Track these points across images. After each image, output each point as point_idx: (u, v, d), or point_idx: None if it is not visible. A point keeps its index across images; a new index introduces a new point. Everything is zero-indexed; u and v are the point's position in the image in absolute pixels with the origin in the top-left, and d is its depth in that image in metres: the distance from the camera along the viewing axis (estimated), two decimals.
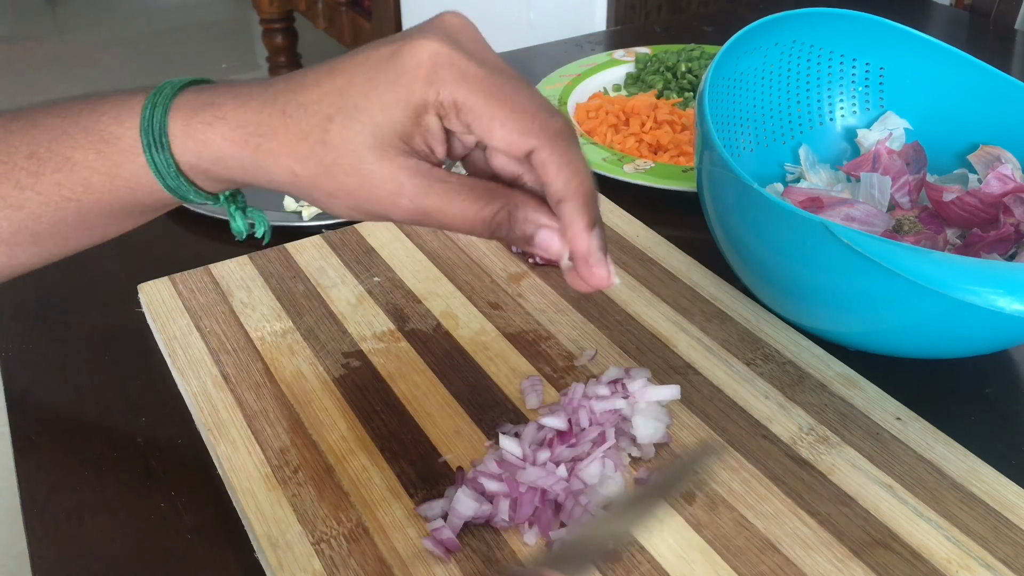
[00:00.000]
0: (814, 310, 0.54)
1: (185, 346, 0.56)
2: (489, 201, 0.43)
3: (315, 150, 0.43)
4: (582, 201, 0.43)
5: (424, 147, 0.44)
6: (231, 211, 0.48)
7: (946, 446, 0.49)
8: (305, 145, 0.43)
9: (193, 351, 0.55)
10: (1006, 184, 0.61)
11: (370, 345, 0.56)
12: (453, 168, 0.51)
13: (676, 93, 0.91)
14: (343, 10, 2.31)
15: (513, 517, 0.44)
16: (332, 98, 0.43)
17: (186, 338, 0.57)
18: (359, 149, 0.43)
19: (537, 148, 0.42)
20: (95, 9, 3.49)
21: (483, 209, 0.43)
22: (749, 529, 0.45)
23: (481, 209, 0.43)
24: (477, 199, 0.43)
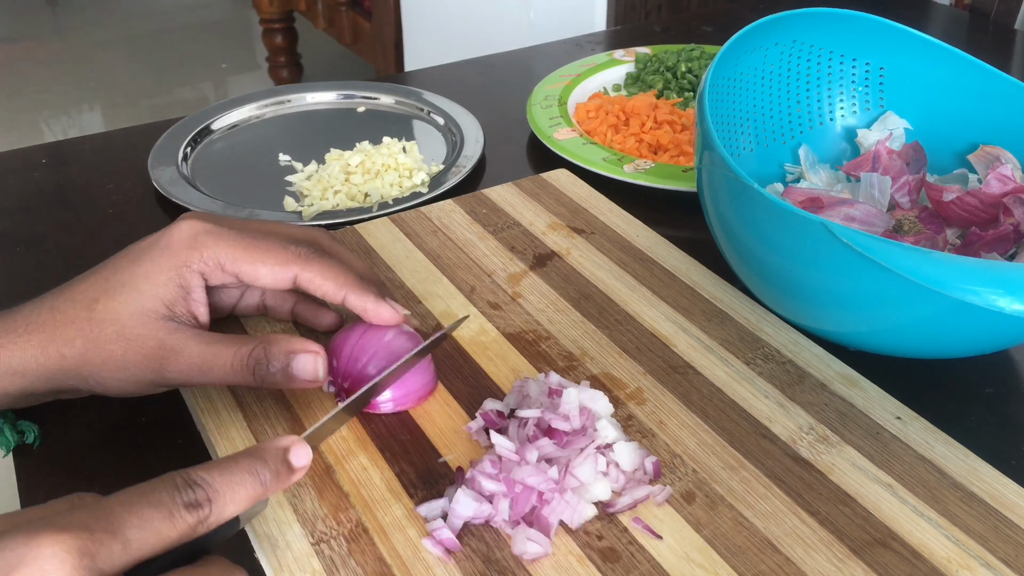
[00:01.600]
0: (814, 310, 0.54)
1: None
2: (244, 343, 0.48)
3: (82, 329, 0.48)
4: (356, 288, 0.50)
5: (187, 313, 0.49)
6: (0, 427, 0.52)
7: (946, 445, 0.49)
8: (72, 328, 0.48)
9: None
10: (1006, 184, 0.61)
11: None
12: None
13: (676, 93, 0.91)
14: (343, 10, 2.31)
15: (512, 516, 0.44)
16: (98, 284, 0.49)
17: None
18: (122, 317, 0.48)
19: (299, 272, 0.50)
20: (95, 9, 3.49)
21: (240, 350, 0.48)
22: (749, 528, 0.45)
23: (238, 350, 0.48)
24: (233, 344, 0.48)
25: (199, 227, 0.50)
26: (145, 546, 0.35)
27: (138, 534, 0.35)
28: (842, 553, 0.43)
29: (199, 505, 0.37)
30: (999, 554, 0.43)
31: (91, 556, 0.33)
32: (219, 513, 0.38)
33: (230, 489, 0.38)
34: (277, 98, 0.91)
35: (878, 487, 0.47)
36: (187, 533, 0.37)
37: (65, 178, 0.80)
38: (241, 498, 0.38)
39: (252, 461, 0.39)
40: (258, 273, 0.50)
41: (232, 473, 0.38)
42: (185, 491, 0.37)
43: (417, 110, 0.89)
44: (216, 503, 0.37)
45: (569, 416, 0.48)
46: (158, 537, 0.36)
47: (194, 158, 0.81)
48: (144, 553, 0.35)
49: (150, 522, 0.35)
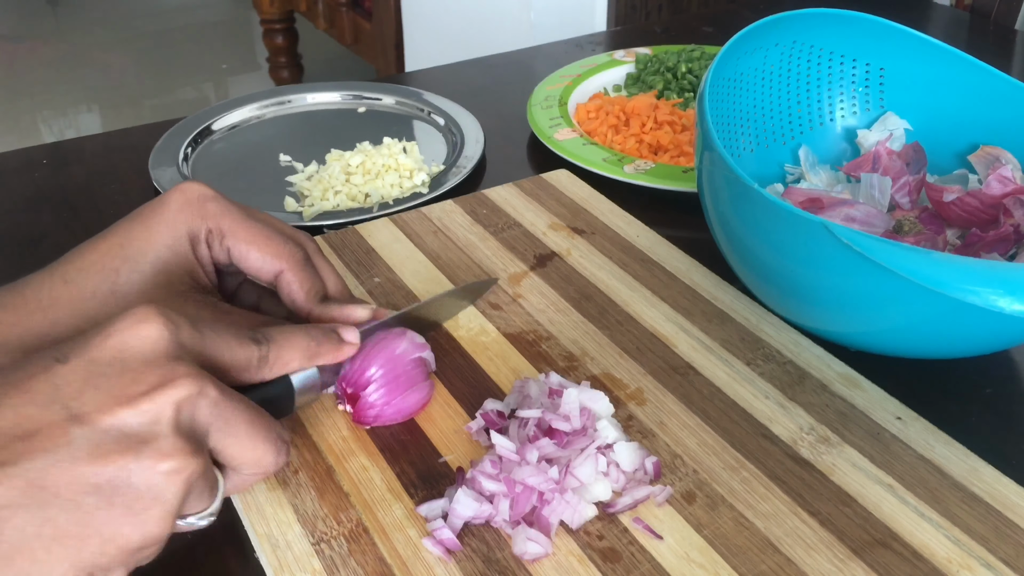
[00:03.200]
0: (814, 310, 0.54)
1: None
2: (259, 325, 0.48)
3: (105, 303, 0.47)
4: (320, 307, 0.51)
5: (204, 279, 0.50)
6: None
7: (947, 446, 0.49)
8: (94, 302, 0.47)
9: None
10: (1006, 186, 0.61)
11: None
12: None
13: (676, 94, 0.91)
14: (343, 10, 2.31)
15: (512, 516, 0.44)
16: (114, 253, 0.48)
17: None
18: (148, 289, 0.47)
19: (283, 271, 0.50)
20: (96, 9, 3.49)
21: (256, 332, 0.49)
22: (749, 529, 0.45)
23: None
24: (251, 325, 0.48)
25: (206, 192, 0.50)
26: (217, 349, 0.41)
27: (212, 336, 0.41)
28: (843, 554, 0.43)
29: (260, 341, 0.43)
30: (1000, 554, 0.43)
31: (175, 326, 0.39)
32: (277, 353, 0.44)
33: (285, 336, 0.44)
34: (278, 98, 0.91)
35: (879, 487, 0.47)
36: (251, 363, 0.43)
37: (66, 178, 0.80)
38: (296, 345, 0.45)
39: (305, 327, 0.46)
40: (249, 256, 0.50)
41: (286, 328, 0.45)
42: (249, 331, 0.43)
43: (417, 110, 0.89)
44: (274, 344, 0.44)
45: (569, 416, 0.48)
46: (228, 349, 0.42)
47: (195, 158, 0.81)
48: (216, 356, 0.41)
49: (223, 334, 0.42)
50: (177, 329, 0.39)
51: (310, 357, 0.45)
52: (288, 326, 0.46)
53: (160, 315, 0.39)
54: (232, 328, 0.42)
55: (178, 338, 0.39)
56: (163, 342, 0.38)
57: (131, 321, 0.38)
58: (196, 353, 0.40)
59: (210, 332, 0.41)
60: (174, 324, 0.39)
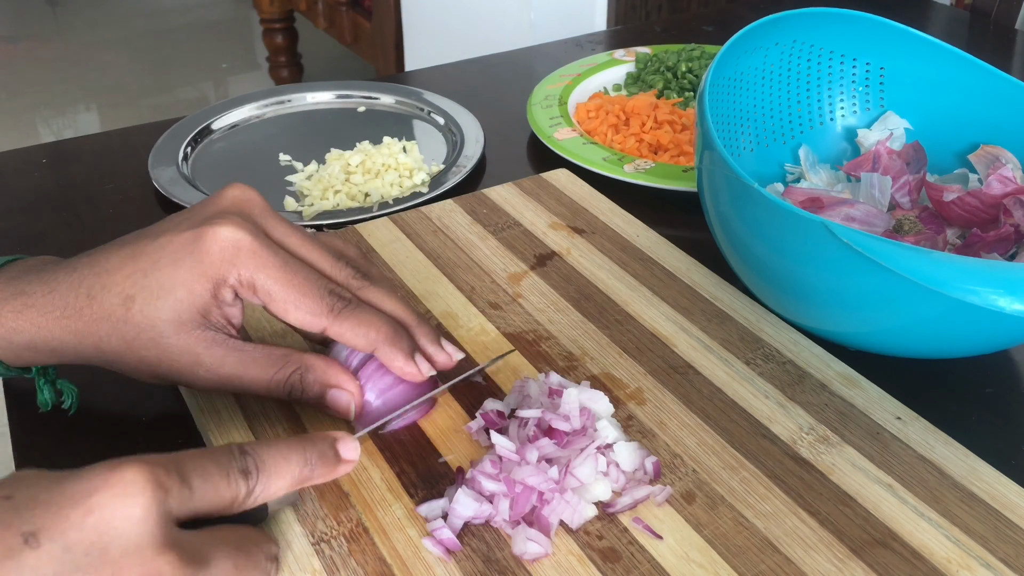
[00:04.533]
0: (814, 310, 0.54)
1: None
2: (283, 367, 0.48)
3: (117, 327, 0.46)
4: (387, 345, 0.48)
5: (221, 320, 0.48)
6: (39, 384, 0.52)
7: (946, 446, 0.49)
8: (108, 324, 0.46)
9: None
10: (1007, 186, 0.61)
11: None
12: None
13: (676, 93, 0.91)
14: (343, 10, 2.31)
15: (512, 516, 0.44)
16: (135, 279, 0.47)
17: None
18: (158, 325, 0.46)
19: (328, 326, 0.47)
20: (95, 9, 3.49)
21: (277, 374, 0.48)
22: (749, 528, 0.45)
23: (275, 375, 0.48)
24: (272, 365, 0.48)
25: (242, 241, 0.47)
26: (204, 499, 0.37)
27: (201, 485, 0.37)
28: (842, 553, 0.43)
29: (249, 473, 0.39)
30: (999, 554, 0.43)
31: (166, 491, 0.35)
32: (265, 485, 0.39)
33: (277, 465, 0.40)
34: (277, 98, 0.91)
35: (878, 487, 0.47)
36: (236, 500, 0.38)
37: (65, 178, 0.80)
38: (287, 474, 0.40)
39: (301, 442, 0.41)
40: (288, 315, 0.47)
41: (280, 450, 0.40)
42: (239, 458, 0.39)
43: (417, 110, 0.89)
44: (263, 474, 0.39)
45: (569, 416, 0.48)
46: (216, 494, 0.37)
47: (194, 158, 0.81)
48: (204, 506, 0.37)
49: (211, 478, 0.37)
50: (166, 498, 0.35)
51: (300, 483, 0.41)
52: (283, 445, 0.41)
53: (149, 483, 0.35)
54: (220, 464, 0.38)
55: (166, 510, 0.35)
56: (150, 522, 0.34)
57: (116, 492, 0.34)
58: (182, 513, 0.36)
59: (200, 482, 0.37)
60: (163, 492, 0.35)
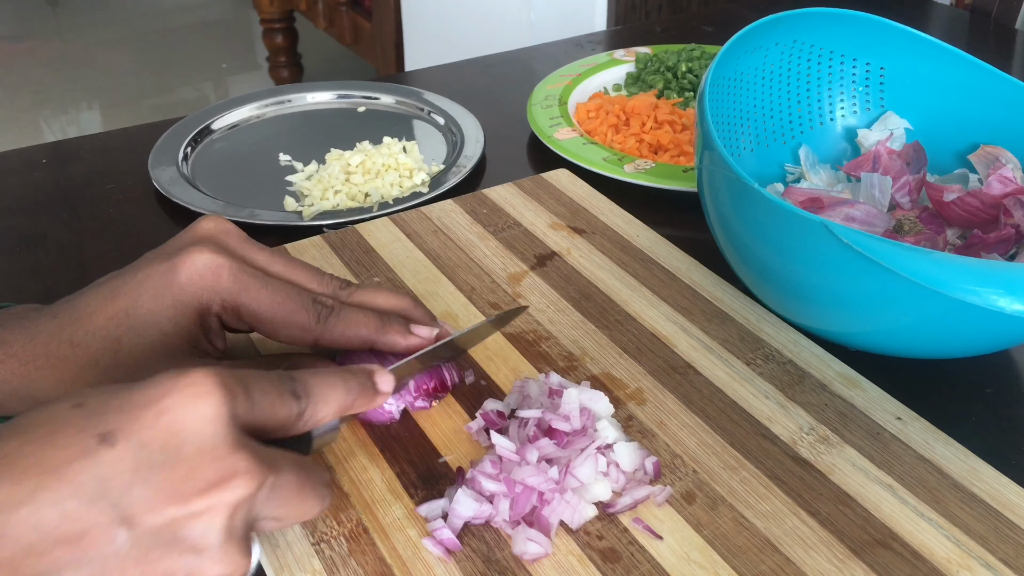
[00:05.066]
0: (814, 310, 0.54)
1: None
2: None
3: (107, 371, 0.46)
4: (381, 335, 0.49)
5: (208, 346, 0.48)
6: None
7: (947, 446, 0.49)
8: (97, 370, 0.46)
9: None
10: (1007, 186, 0.61)
11: None
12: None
13: (676, 93, 0.91)
14: (343, 10, 2.31)
15: (512, 516, 0.44)
16: (119, 320, 0.46)
17: None
18: (150, 362, 0.46)
19: (318, 336, 0.48)
20: (96, 9, 3.49)
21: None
22: (749, 529, 0.45)
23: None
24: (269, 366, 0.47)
25: (218, 264, 0.47)
26: (264, 413, 0.37)
27: (261, 399, 0.37)
28: (842, 553, 0.43)
29: (299, 396, 0.39)
30: (999, 554, 0.43)
31: (232, 397, 0.36)
32: (313, 409, 0.40)
33: (323, 391, 0.40)
34: (277, 98, 0.91)
35: (878, 487, 0.47)
36: (290, 420, 0.39)
37: (65, 178, 0.80)
38: (332, 400, 0.41)
39: (343, 372, 0.42)
40: (278, 333, 0.48)
41: (325, 378, 0.41)
42: (288, 382, 0.39)
43: (417, 110, 0.89)
44: (312, 398, 0.40)
45: (569, 416, 0.48)
46: (272, 410, 0.38)
47: (194, 158, 0.81)
48: (263, 420, 0.38)
49: (269, 394, 0.38)
50: (234, 401, 0.36)
51: (344, 411, 0.42)
52: (327, 373, 0.42)
53: (218, 386, 0.35)
54: (275, 383, 0.39)
55: (234, 412, 0.36)
56: (221, 423, 0.35)
57: (187, 394, 0.34)
58: (245, 422, 0.37)
59: (259, 395, 0.37)
60: (231, 395, 0.36)
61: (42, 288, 0.64)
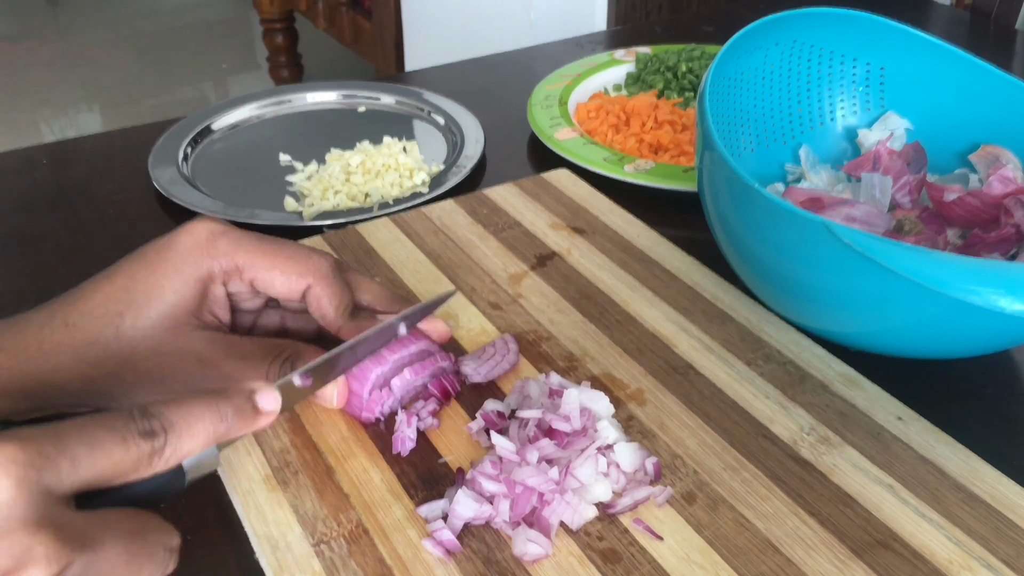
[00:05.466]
0: (815, 310, 0.54)
1: None
2: (277, 354, 0.48)
3: (109, 348, 0.45)
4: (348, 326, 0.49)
5: (212, 318, 0.48)
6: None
7: (947, 446, 0.49)
8: (97, 347, 0.45)
9: None
10: (1007, 186, 0.61)
11: None
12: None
13: (677, 93, 0.91)
14: (343, 10, 2.31)
15: (512, 517, 0.44)
16: (118, 297, 0.46)
17: None
18: (155, 334, 0.46)
19: (312, 285, 0.49)
20: (95, 9, 3.49)
21: (272, 364, 0.48)
22: (750, 529, 0.45)
23: (271, 364, 0.48)
24: (267, 355, 0.48)
25: (215, 228, 0.48)
26: (95, 468, 0.34)
27: (88, 453, 0.34)
28: (843, 554, 0.43)
29: (154, 433, 0.36)
30: (1000, 555, 0.43)
31: (37, 468, 0.32)
32: (176, 445, 0.37)
33: (187, 422, 0.37)
34: (277, 98, 0.91)
35: (879, 488, 0.47)
36: (142, 463, 0.36)
37: (65, 178, 0.80)
38: (199, 431, 0.37)
39: (213, 397, 0.39)
40: (274, 281, 0.49)
41: (190, 406, 0.38)
42: (140, 420, 0.36)
43: (417, 110, 0.89)
44: (172, 433, 0.36)
45: (570, 417, 0.48)
46: (110, 460, 0.35)
47: (194, 158, 0.81)
48: (94, 475, 0.34)
49: (102, 444, 0.34)
50: (37, 475, 0.32)
51: (216, 440, 0.38)
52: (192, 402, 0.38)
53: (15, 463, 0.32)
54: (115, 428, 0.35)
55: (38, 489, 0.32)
56: (17, 506, 0.32)
57: None
58: (67, 486, 0.34)
59: (84, 449, 0.34)
60: (33, 469, 0.32)
61: (42, 288, 0.64)
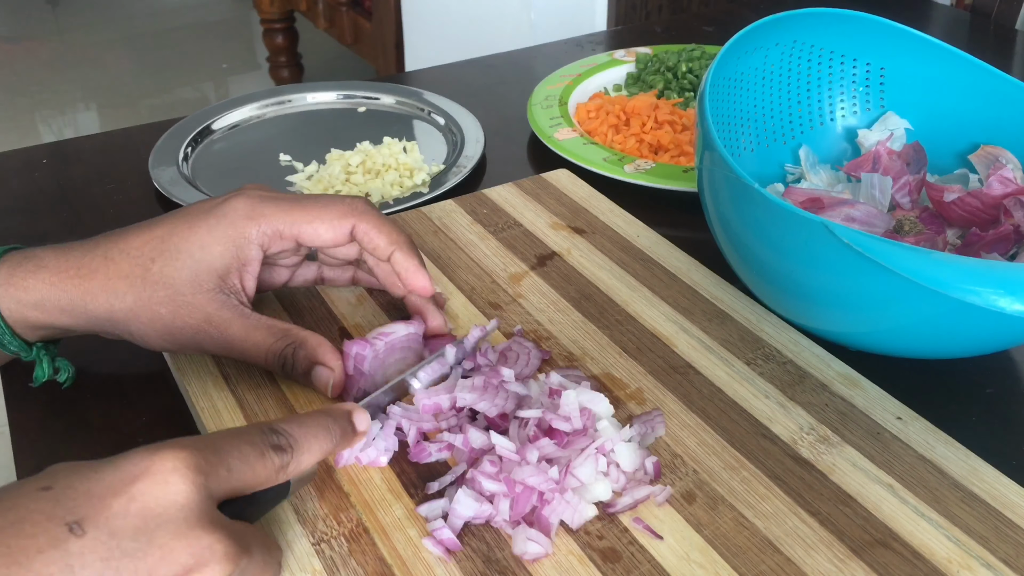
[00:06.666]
0: (814, 310, 0.54)
1: None
2: (281, 339, 0.50)
3: (134, 286, 0.48)
4: (406, 247, 0.53)
5: (237, 284, 0.51)
6: (39, 357, 0.52)
7: (947, 446, 0.49)
8: (125, 283, 0.49)
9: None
10: (1007, 186, 0.61)
11: None
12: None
13: (677, 93, 0.91)
14: (344, 10, 2.31)
15: (512, 516, 0.44)
16: (154, 244, 0.49)
17: None
18: (176, 283, 0.49)
19: (356, 223, 0.52)
20: (95, 9, 3.49)
21: (275, 344, 0.50)
22: (749, 528, 0.45)
23: (273, 344, 0.50)
24: (272, 336, 0.50)
25: (256, 196, 0.51)
26: (243, 478, 0.37)
27: (239, 465, 0.37)
28: (843, 553, 0.43)
29: (283, 449, 0.39)
30: (1000, 554, 0.43)
31: (205, 474, 0.35)
32: (298, 460, 0.40)
33: (307, 440, 0.40)
34: (278, 98, 0.91)
35: (879, 487, 0.47)
36: (272, 476, 0.39)
37: (66, 178, 0.80)
38: (316, 449, 0.41)
39: (325, 417, 0.42)
40: (318, 231, 0.51)
41: (309, 426, 0.41)
42: (272, 435, 0.39)
43: (418, 110, 0.89)
44: (296, 450, 0.40)
45: (570, 416, 0.48)
46: (252, 473, 0.38)
47: (195, 158, 0.81)
48: (242, 485, 0.37)
49: (247, 457, 0.38)
50: (208, 478, 0.35)
51: (325, 455, 0.42)
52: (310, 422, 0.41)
53: (190, 467, 0.35)
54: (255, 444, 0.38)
55: (208, 490, 0.35)
56: (195, 505, 0.34)
57: (159, 478, 0.34)
58: (222, 493, 0.36)
59: (238, 461, 0.37)
60: (204, 473, 0.35)
61: None
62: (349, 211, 0.52)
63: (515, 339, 0.55)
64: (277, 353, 0.50)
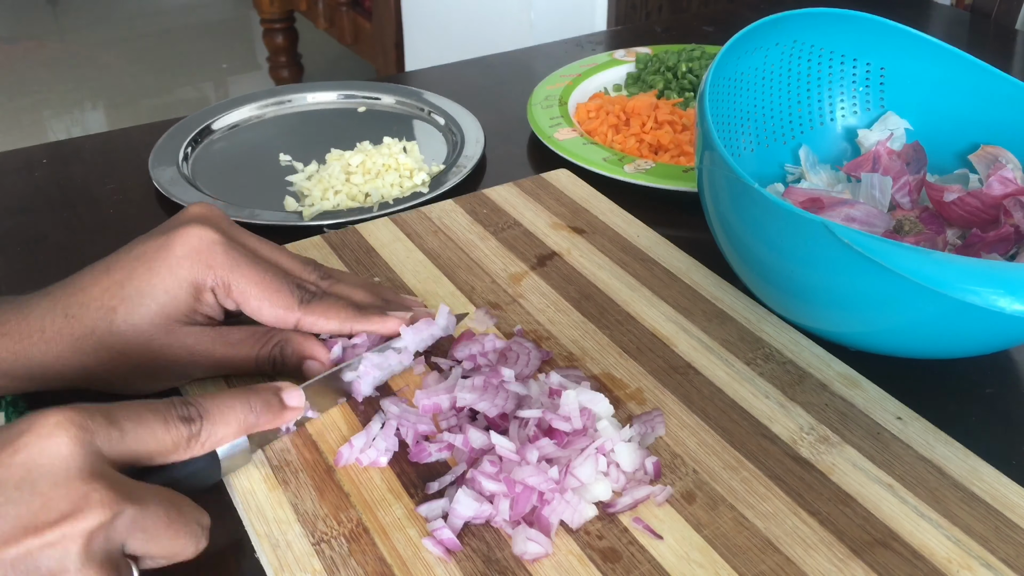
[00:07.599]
0: (814, 310, 0.54)
1: None
2: (265, 343, 0.51)
3: (104, 340, 0.48)
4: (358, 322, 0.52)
5: (203, 316, 0.50)
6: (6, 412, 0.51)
7: (947, 446, 0.49)
8: (93, 339, 0.48)
9: None
10: (1007, 186, 0.61)
11: None
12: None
13: (677, 93, 0.91)
14: (344, 10, 2.31)
15: (512, 516, 0.44)
16: (114, 290, 0.48)
17: None
18: (147, 330, 0.48)
19: (300, 317, 0.51)
20: (95, 9, 3.49)
21: (262, 350, 0.51)
22: (749, 528, 0.45)
23: (260, 350, 0.51)
24: (256, 343, 0.51)
25: (212, 239, 0.49)
26: (141, 441, 0.40)
27: (135, 428, 0.39)
28: (843, 553, 0.43)
29: (191, 419, 0.42)
30: (1000, 554, 0.43)
31: (91, 432, 0.37)
32: (211, 430, 0.42)
33: (220, 410, 0.43)
34: (278, 98, 0.91)
35: (879, 487, 0.47)
36: (181, 443, 0.41)
37: (66, 178, 0.80)
38: (231, 419, 0.43)
39: (243, 391, 0.45)
40: (263, 312, 0.51)
41: (224, 400, 0.44)
42: (181, 407, 0.42)
43: (418, 110, 0.89)
44: (207, 420, 0.42)
45: (570, 416, 0.48)
46: (155, 439, 0.40)
47: (195, 158, 0.81)
48: (145, 449, 0.40)
49: (146, 422, 0.40)
50: (91, 437, 0.37)
51: (247, 429, 0.44)
52: (226, 395, 0.44)
53: (73, 423, 0.37)
54: (158, 411, 0.41)
55: (92, 448, 0.37)
56: (75, 458, 0.36)
57: (40, 433, 0.36)
58: (116, 454, 0.38)
59: (131, 424, 0.39)
60: (89, 431, 0.37)
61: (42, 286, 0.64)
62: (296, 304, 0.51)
63: (515, 339, 0.55)
64: (267, 357, 0.51)
